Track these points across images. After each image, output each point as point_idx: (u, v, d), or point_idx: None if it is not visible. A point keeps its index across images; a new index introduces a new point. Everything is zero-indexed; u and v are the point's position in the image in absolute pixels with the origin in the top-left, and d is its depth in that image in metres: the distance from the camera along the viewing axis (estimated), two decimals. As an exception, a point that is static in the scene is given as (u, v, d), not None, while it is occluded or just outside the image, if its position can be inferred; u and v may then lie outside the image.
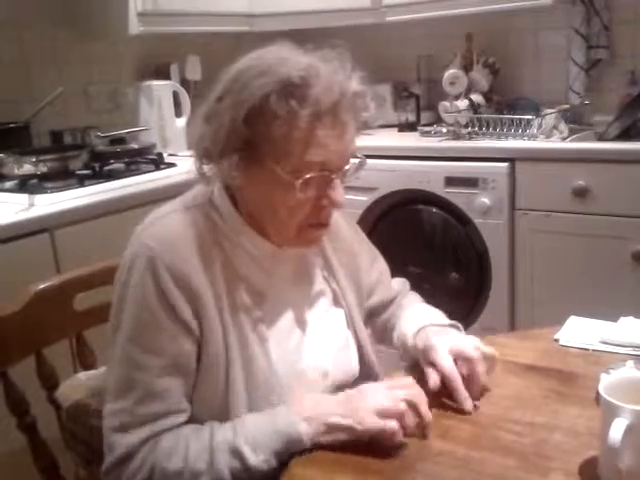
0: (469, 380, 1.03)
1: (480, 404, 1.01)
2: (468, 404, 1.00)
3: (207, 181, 1.02)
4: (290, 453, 0.92)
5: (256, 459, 0.91)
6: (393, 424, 0.90)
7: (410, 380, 0.98)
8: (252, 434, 0.92)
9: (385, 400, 0.93)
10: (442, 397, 1.03)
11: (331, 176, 0.97)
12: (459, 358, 1.04)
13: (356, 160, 1.02)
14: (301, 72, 0.92)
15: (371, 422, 0.90)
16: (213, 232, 1.01)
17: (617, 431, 0.77)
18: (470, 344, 1.06)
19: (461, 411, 1.00)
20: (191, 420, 0.98)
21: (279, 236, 1.03)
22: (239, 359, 0.99)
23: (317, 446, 0.91)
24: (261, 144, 0.94)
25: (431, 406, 0.97)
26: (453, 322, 1.17)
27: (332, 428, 0.91)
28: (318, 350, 1.08)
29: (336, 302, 1.14)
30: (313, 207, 0.98)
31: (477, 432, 0.95)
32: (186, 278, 0.95)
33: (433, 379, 1.03)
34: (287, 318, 1.07)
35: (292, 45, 0.99)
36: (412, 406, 0.93)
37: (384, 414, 0.91)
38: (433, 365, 1.05)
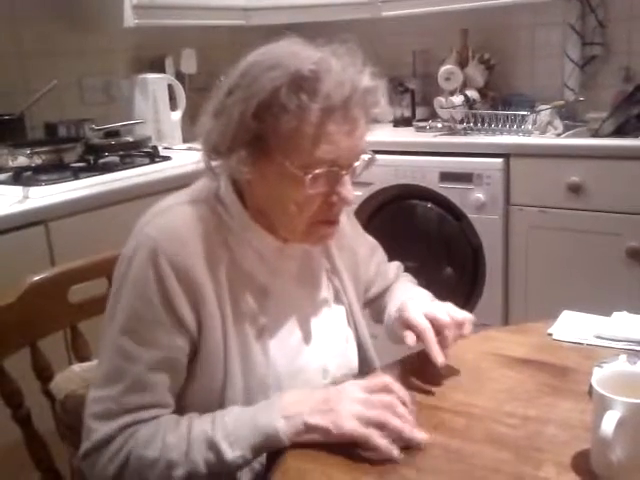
0: (439, 344, 1.05)
1: (477, 396, 1.02)
2: (439, 359, 1.03)
3: (214, 176, 1.01)
4: (269, 449, 0.92)
5: (232, 454, 0.90)
6: (372, 432, 0.88)
7: (388, 381, 0.95)
8: (230, 428, 0.91)
9: (367, 405, 0.91)
10: (434, 388, 1.04)
11: (341, 172, 0.96)
12: (432, 323, 1.07)
13: (366, 156, 1.01)
14: (312, 66, 0.91)
15: (349, 427, 0.88)
16: (219, 227, 1.00)
17: (609, 423, 0.77)
18: (443, 310, 1.09)
19: (453, 403, 1.01)
20: (184, 414, 0.98)
21: (288, 232, 1.02)
22: (238, 355, 0.99)
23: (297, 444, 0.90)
24: (270, 138, 0.93)
25: (424, 398, 0.99)
26: (431, 298, 1.20)
27: (310, 428, 0.90)
28: (318, 348, 1.08)
29: (337, 299, 1.15)
30: (322, 203, 0.97)
31: (471, 425, 0.95)
32: (187, 271, 0.95)
33: (409, 337, 1.06)
34: (289, 315, 1.07)
35: (302, 40, 0.98)
36: (390, 409, 0.91)
37: (364, 420, 0.89)
38: (407, 327, 1.08)
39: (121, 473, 0.93)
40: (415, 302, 1.12)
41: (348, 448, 0.90)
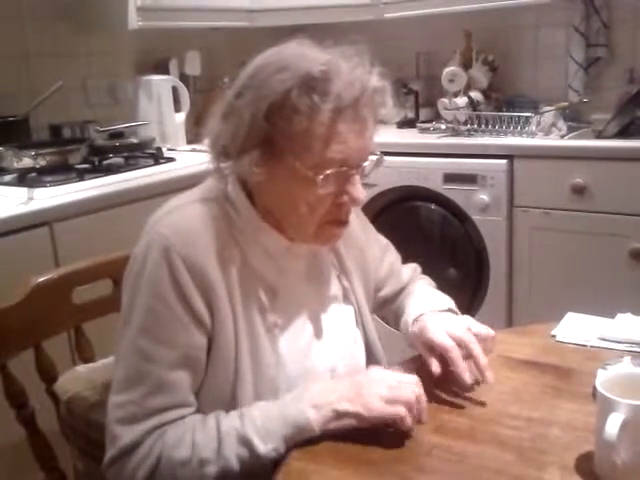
0: (469, 363, 1.04)
1: (481, 398, 1.02)
2: (466, 376, 1.02)
3: (222, 178, 1.01)
4: (300, 440, 0.92)
5: (265, 447, 0.91)
6: (401, 410, 0.91)
7: (415, 378, 0.97)
8: (261, 422, 0.92)
9: (392, 387, 0.94)
10: (440, 391, 1.04)
11: (351, 172, 0.97)
12: (454, 342, 1.05)
13: (374, 157, 1.01)
14: (322, 67, 0.92)
15: (378, 408, 0.92)
16: (229, 226, 1.01)
17: (613, 426, 0.77)
18: (463, 326, 1.08)
19: (457, 405, 1.01)
20: (198, 413, 0.98)
21: (297, 233, 1.02)
22: (248, 354, 0.99)
23: (321, 436, 0.92)
24: (281, 140, 0.93)
25: (430, 400, 0.99)
26: (450, 307, 1.18)
27: (341, 415, 0.92)
28: (327, 348, 1.09)
29: (346, 299, 1.15)
30: (332, 204, 0.98)
31: (474, 426, 0.95)
32: (200, 269, 0.95)
33: (434, 363, 1.05)
34: (298, 315, 1.07)
35: (311, 41, 0.98)
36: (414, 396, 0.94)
37: (391, 401, 0.92)
38: (430, 348, 1.07)
39: (152, 476, 0.93)
40: (435, 320, 1.10)
41: (351, 447, 0.90)
